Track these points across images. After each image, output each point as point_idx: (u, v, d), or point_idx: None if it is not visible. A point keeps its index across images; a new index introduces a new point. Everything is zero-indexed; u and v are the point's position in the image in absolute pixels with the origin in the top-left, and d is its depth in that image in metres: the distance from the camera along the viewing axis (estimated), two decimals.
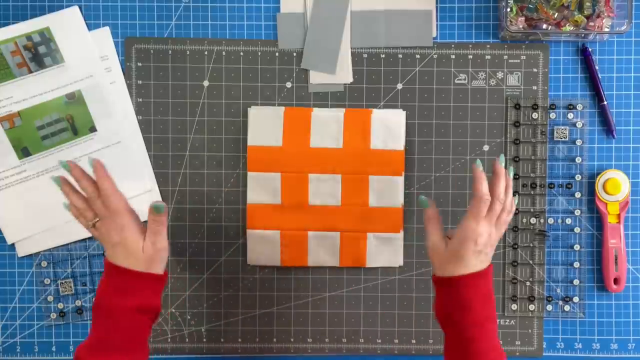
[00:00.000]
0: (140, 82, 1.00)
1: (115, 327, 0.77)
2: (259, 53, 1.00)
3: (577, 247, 1.00)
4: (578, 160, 0.99)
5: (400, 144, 0.98)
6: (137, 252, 0.79)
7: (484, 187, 0.80)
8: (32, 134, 0.98)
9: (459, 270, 0.79)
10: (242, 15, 1.00)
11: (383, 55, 1.00)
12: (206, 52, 1.00)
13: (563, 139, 0.99)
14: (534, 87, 0.99)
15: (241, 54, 1.00)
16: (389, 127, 0.98)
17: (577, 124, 0.99)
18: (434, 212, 0.83)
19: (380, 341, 1.01)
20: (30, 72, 0.97)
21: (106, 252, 0.81)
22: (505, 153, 1.00)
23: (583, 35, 0.97)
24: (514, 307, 1.00)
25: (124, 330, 0.77)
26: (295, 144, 0.98)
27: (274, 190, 0.98)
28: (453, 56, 1.00)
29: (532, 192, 1.00)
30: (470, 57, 1.00)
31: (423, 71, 1.00)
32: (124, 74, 1.00)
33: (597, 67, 0.99)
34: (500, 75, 1.00)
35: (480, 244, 0.79)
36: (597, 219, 1.00)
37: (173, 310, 1.00)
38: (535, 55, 0.99)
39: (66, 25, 0.98)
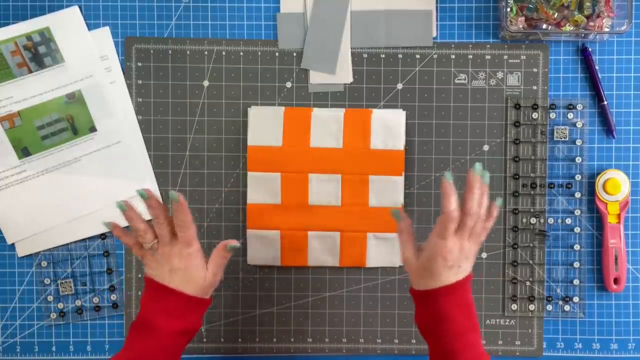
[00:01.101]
0: (140, 82, 1.00)
1: (157, 346, 0.78)
2: (259, 53, 1.00)
3: (577, 247, 1.00)
4: (578, 160, 0.99)
5: (400, 144, 0.98)
6: (198, 280, 0.81)
7: (452, 203, 0.76)
8: (32, 134, 0.98)
9: (433, 284, 0.78)
10: (242, 15, 1.00)
11: (383, 55, 1.00)
12: (206, 52, 1.00)
13: (563, 139, 0.99)
14: (534, 87, 0.99)
15: (241, 54, 1.00)
16: (389, 127, 0.98)
17: (577, 124, 0.99)
18: (406, 224, 0.81)
19: (380, 341, 1.01)
20: (30, 72, 0.97)
21: (154, 272, 0.82)
22: (505, 153, 1.00)
23: (583, 35, 0.97)
24: (514, 307, 1.00)
25: (166, 349, 0.79)
26: (295, 144, 0.98)
27: (274, 190, 0.98)
28: (453, 56, 1.00)
29: (532, 192, 1.00)
30: (470, 57, 1.00)
31: (423, 71, 1.00)
32: (124, 73, 1.00)
33: (597, 67, 0.99)
34: (500, 75, 1.00)
35: (451, 260, 0.77)
36: (597, 219, 1.00)
37: None
38: (535, 55, 0.99)
39: (66, 25, 0.98)
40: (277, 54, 1.00)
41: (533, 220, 1.00)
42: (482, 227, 0.80)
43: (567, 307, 1.00)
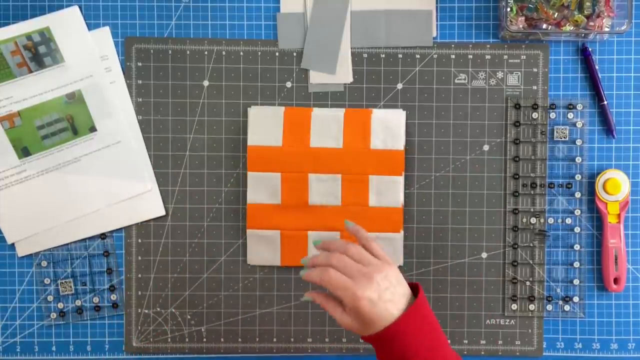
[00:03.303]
0: (140, 82, 1.00)
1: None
2: (259, 53, 1.00)
3: (577, 247, 1.00)
4: (578, 160, 0.99)
5: (400, 144, 0.98)
6: None
7: (312, 276, 0.78)
8: (32, 134, 0.98)
9: (378, 327, 0.74)
10: (242, 15, 1.00)
11: (383, 55, 1.00)
12: (206, 52, 1.00)
13: (563, 139, 0.99)
14: (534, 87, 0.99)
15: (241, 54, 1.00)
16: (389, 127, 0.98)
17: (577, 124, 0.99)
18: (321, 297, 0.80)
19: None
20: (30, 72, 0.97)
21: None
22: (505, 153, 1.00)
23: (583, 35, 0.97)
24: (514, 307, 1.00)
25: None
26: (295, 144, 0.98)
27: (274, 190, 0.98)
28: (453, 56, 1.00)
29: (532, 192, 1.00)
30: (470, 57, 1.00)
31: (423, 71, 1.00)
32: (124, 73, 1.00)
33: (597, 67, 0.99)
34: (500, 75, 1.00)
35: (374, 297, 0.74)
36: (597, 219, 1.00)
37: (173, 310, 1.00)
38: (535, 55, 0.99)
39: (66, 25, 0.98)
40: (277, 54, 1.00)
41: (533, 220, 1.00)
42: (362, 253, 0.79)
43: (567, 307, 1.00)
